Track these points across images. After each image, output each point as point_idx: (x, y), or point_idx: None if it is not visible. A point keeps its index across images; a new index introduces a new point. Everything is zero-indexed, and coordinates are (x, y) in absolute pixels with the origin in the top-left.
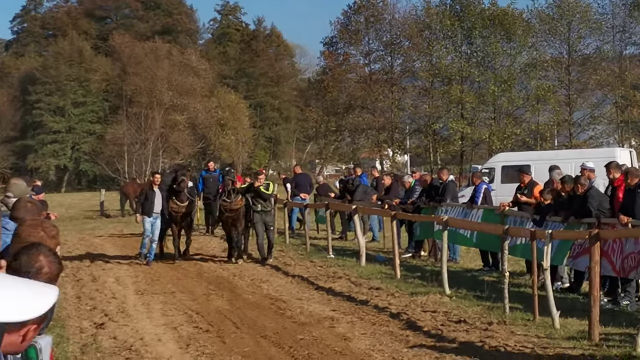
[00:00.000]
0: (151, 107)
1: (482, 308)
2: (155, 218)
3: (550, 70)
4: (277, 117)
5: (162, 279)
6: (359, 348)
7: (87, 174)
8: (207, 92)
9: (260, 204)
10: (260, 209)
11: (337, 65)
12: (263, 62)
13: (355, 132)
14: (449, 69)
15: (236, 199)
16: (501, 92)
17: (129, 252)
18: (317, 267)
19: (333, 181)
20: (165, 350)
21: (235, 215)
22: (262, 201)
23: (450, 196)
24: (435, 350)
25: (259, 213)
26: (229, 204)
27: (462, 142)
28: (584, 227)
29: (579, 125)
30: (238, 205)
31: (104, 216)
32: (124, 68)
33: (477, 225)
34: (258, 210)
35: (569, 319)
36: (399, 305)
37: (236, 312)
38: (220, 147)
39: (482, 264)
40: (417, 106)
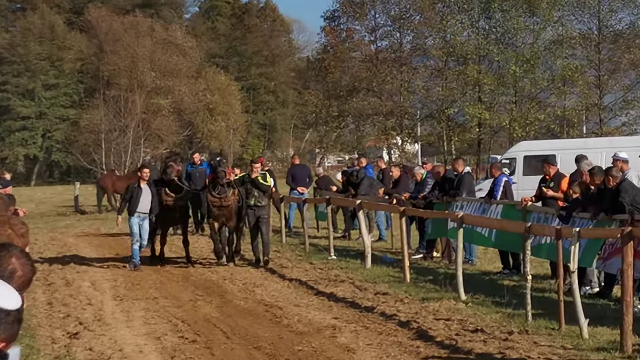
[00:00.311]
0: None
1: (501, 315)
2: (142, 219)
3: (578, 48)
4: (272, 101)
5: (144, 283)
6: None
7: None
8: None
9: (254, 198)
10: (253, 203)
11: (340, 42)
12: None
13: (359, 118)
14: (465, 47)
15: (227, 194)
16: (523, 73)
17: (107, 253)
18: (317, 269)
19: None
20: None
21: (226, 213)
22: (257, 195)
23: (466, 190)
24: None
25: (252, 209)
26: (219, 200)
27: (479, 129)
28: (616, 225)
29: (610, 110)
30: (229, 202)
31: (79, 212)
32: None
33: (497, 222)
34: (251, 204)
35: (598, 327)
36: (409, 313)
37: (226, 321)
38: (208, 134)
39: (502, 266)
40: (429, 89)
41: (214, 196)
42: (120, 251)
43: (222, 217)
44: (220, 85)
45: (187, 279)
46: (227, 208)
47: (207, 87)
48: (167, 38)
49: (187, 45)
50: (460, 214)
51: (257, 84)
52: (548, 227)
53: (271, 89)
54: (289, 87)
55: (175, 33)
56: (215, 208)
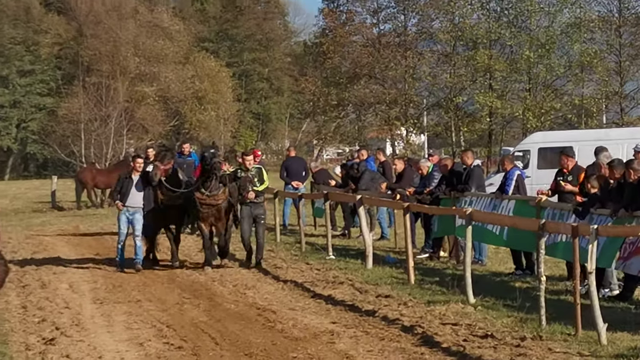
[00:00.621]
0: (113, 77)
1: (513, 320)
2: (132, 213)
3: (597, 31)
4: (266, 89)
5: (126, 285)
6: None
7: (35, 158)
8: (181, 58)
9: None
10: (248, 200)
11: (339, 25)
12: (249, 22)
13: (361, 107)
14: (475, 31)
15: (219, 191)
16: (538, 59)
17: (86, 252)
18: (314, 270)
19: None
20: None
21: (215, 212)
22: (250, 189)
23: (475, 184)
24: None
25: (247, 205)
26: (209, 198)
27: (490, 119)
28: (637, 222)
29: (632, 99)
30: (220, 200)
31: (56, 209)
32: (81, 29)
33: (508, 219)
34: (246, 201)
35: (618, 333)
36: (413, 317)
37: (215, 325)
38: (197, 125)
39: (514, 266)
40: (436, 75)
41: (202, 193)
42: (100, 251)
43: (210, 217)
44: (209, 72)
45: (173, 280)
46: (216, 207)
47: (196, 73)
48: (152, 21)
49: (174, 29)
50: (469, 211)
51: (250, 70)
52: (564, 225)
53: (265, 76)
54: (285, 74)
55: (161, 15)
56: (204, 207)
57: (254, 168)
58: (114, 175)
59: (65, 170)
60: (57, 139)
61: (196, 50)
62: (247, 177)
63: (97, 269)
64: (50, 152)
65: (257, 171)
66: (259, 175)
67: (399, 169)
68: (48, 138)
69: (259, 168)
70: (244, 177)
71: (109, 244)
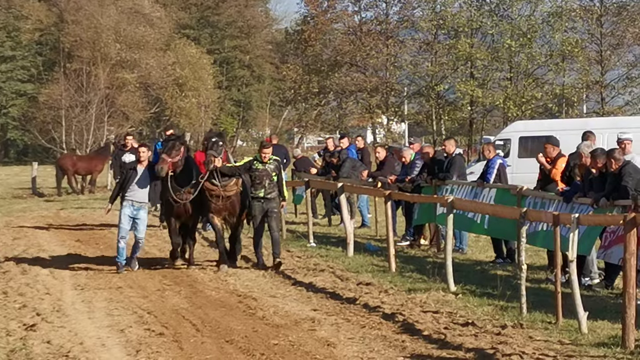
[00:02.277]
0: (94, 63)
1: (494, 308)
2: (137, 209)
3: (578, 21)
4: (247, 76)
5: (107, 271)
6: (345, 355)
7: (16, 144)
8: (162, 45)
9: (263, 188)
10: (262, 194)
11: (321, 13)
12: (230, 9)
13: (342, 95)
14: (456, 19)
15: (230, 181)
16: (519, 48)
17: (67, 238)
18: (295, 257)
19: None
20: (110, 357)
21: (228, 205)
22: (267, 185)
23: (457, 173)
24: (438, 358)
25: (259, 201)
26: (219, 189)
27: (471, 108)
28: (618, 211)
29: (613, 88)
30: (232, 191)
31: (37, 195)
32: (62, 15)
33: (489, 207)
34: (260, 196)
35: (598, 321)
36: (394, 305)
37: (196, 312)
38: (178, 111)
39: (495, 254)
40: (417, 64)
41: (213, 184)
42: (81, 237)
43: (223, 210)
44: (190, 59)
45: (154, 267)
46: (229, 199)
47: (177, 60)
48: (133, 7)
49: (155, 15)
50: (450, 199)
51: (231, 57)
52: (545, 213)
53: (246, 63)
54: (266, 61)
55: (142, 2)
56: (214, 199)
57: (271, 160)
58: (94, 162)
59: (46, 157)
60: (37, 125)
61: (177, 37)
62: (264, 171)
63: (78, 255)
64: (31, 138)
65: (275, 164)
66: (276, 168)
67: (381, 157)
68: (29, 124)
69: (277, 161)
70: (260, 169)
71: (90, 230)
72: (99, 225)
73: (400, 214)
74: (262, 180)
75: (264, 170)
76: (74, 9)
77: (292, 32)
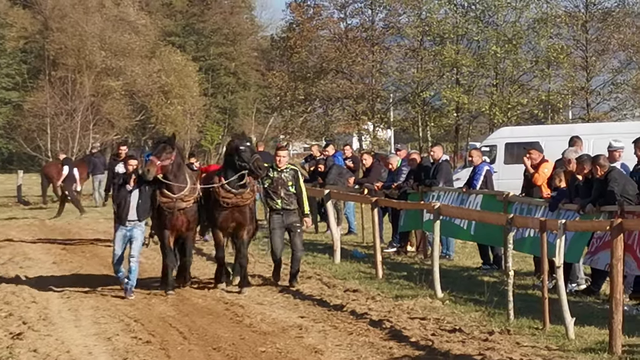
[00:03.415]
0: (80, 71)
1: (481, 314)
2: (130, 228)
3: (563, 27)
4: (233, 83)
5: (93, 279)
6: None
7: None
8: (147, 52)
9: (280, 199)
10: (280, 206)
11: (307, 20)
12: (216, 16)
13: (328, 102)
14: (442, 25)
15: (246, 189)
16: (504, 54)
17: (53, 247)
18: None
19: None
20: None
21: (239, 216)
22: (284, 195)
23: (443, 179)
24: None
25: (278, 213)
26: (234, 197)
27: (457, 114)
28: (605, 217)
29: (598, 94)
30: (246, 201)
31: (22, 203)
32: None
33: (476, 214)
34: (277, 208)
35: (585, 327)
36: (381, 311)
37: (183, 320)
38: (163, 119)
39: (482, 261)
40: (403, 70)
41: (228, 190)
42: (66, 245)
43: (232, 222)
44: (176, 66)
45: (140, 274)
46: (241, 210)
47: (162, 67)
48: (118, 15)
49: (140, 23)
50: (436, 205)
51: (217, 64)
52: (532, 219)
53: (232, 70)
54: (251, 68)
55: (128, 9)
56: (224, 210)
57: (289, 168)
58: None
59: (31, 165)
60: (22, 133)
61: (162, 45)
62: (279, 179)
63: (64, 262)
64: (16, 146)
65: (292, 174)
66: (293, 178)
67: (367, 163)
68: (14, 132)
69: (294, 170)
70: (275, 177)
71: (76, 238)
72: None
73: (386, 221)
74: (277, 189)
75: (279, 179)
76: (58, 17)
77: (278, 39)
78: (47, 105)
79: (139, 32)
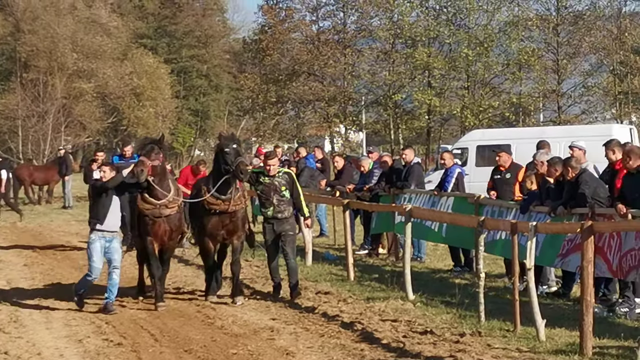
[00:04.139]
0: (51, 73)
1: (452, 316)
2: (109, 240)
3: (535, 30)
4: (205, 86)
5: (65, 282)
6: None
7: None
8: (119, 54)
9: (272, 206)
10: (271, 214)
11: (279, 22)
12: (188, 19)
13: (300, 104)
14: (414, 28)
15: (236, 194)
16: (476, 57)
17: (25, 248)
18: (253, 267)
19: None
20: None
21: (229, 224)
22: (276, 202)
23: (415, 181)
24: None
25: (269, 222)
26: (222, 203)
27: (429, 117)
28: (576, 219)
29: (569, 97)
30: (237, 205)
31: None
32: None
33: (447, 216)
34: (269, 216)
35: (556, 329)
36: (353, 313)
37: (155, 322)
38: (135, 121)
39: (453, 263)
40: (375, 73)
41: (215, 196)
42: (38, 247)
43: (222, 229)
44: (148, 69)
45: None
46: (232, 216)
47: (134, 70)
48: (90, 17)
49: (112, 25)
50: (408, 207)
51: (189, 67)
52: (503, 222)
53: (204, 73)
54: (223, 71)
55: (99, 11)
56: (213, 216)
57: (281, 173)
58: (51, 172)
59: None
60: None
61: (134, 47)
62: (270, 185)
63: (36, 264)
64: None
65: (286, 179)
66: (288, 183)
67: (339, 166)
68: None
69: (288, 174)
70: (267, 183)
71: (48, 240)
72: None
73: (358, 223)
74: (269, 196)
75: (270, 184)
76: (30, 19)
77: (250, 42)
78: (18, 108)
79: (111, 34)
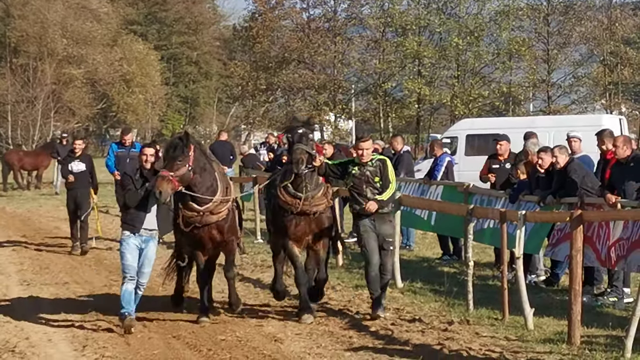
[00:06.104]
0: (41, 59)
1: (441, 305)
2: (146, 239)
3: (525, 19)
4: (194, 73)
5: (53, 267)
6: (292, 351)
7: None
8: (109, 40)
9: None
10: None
11: (269, 9)
12: (178, 5)
13: (289, 92)
14: (404, 17)
15: (316, 192)
16: (466, 46)
17: (13, 234)
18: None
19: None
20: (56, 352)
21: (312, 226)
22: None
23: (404, 170)
24: (385, 353)
25: (371, 220)
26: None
27: (418, 106)
28: (565, 208)
29: (559, 87)
30: (319, 206)
31: None
32: (8, 10)
33: (437, 204)
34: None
35: (544, 318)
36: (341, 301)
37: (142, 307)
38: (125, 108)
39: (442, 251)
40: (365, 61)
41: (290, 194)
42: (27, 232)
43: (305, 234)
44: (138, 55)
45: (101, 262)
46: (314, 217)
47: (124, 56)
48: (80, 2)
49: (102, 11)
50: (397, 195)
51: (179, 53)
52: (492, 210)
53: (194, 60)
54: (213, 58)
55: None
56: (290, 217)
57: (375, 159)
58: (40, 158)
59: None
60: None
61: (124, 33)
62: (362, 176)
63: (24, 249)
64: None
65: (378, 165)
66: (381, 172)
67: (329, 154)
68: None
69: (382, 160)
70: (357, 175)
71: (36, 225)
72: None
73: (347, 211)
74: (361, 190)
75: (362, 175)
76: (20, 4)
77: (240, 29)
78: (7, 93)
79: (101, 20)
